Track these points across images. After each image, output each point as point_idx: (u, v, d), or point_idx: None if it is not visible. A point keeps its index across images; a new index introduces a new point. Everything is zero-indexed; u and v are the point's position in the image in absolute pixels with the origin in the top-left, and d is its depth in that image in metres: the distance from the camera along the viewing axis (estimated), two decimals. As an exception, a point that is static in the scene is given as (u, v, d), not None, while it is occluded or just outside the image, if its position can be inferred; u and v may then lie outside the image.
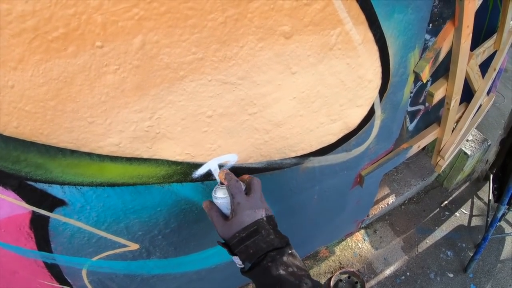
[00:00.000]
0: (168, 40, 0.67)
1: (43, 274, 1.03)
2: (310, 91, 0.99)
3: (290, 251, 0.86)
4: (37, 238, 0.89)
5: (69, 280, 1.09)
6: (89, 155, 0.77)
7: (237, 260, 0.89)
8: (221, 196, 0.92)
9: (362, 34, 0.96)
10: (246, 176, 1.00)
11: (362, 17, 0.92)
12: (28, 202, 0.79)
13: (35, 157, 0.71)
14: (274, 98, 0.93)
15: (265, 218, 0.89)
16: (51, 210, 0.83)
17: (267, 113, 0.96)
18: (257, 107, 0.92)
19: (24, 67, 0.59)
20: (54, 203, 0.82)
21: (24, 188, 0.76)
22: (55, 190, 0.79)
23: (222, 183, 0.94)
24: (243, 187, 0.93)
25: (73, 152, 0.74)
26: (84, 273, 1.09)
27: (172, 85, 0.74)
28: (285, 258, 0.83)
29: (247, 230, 0.86)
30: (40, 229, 0.87)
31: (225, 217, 0.92)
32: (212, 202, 0.95)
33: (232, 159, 1.01)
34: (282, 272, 0.81)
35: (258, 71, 0.84)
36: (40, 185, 0.77)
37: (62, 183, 0.79)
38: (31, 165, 0.72)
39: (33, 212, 0.82)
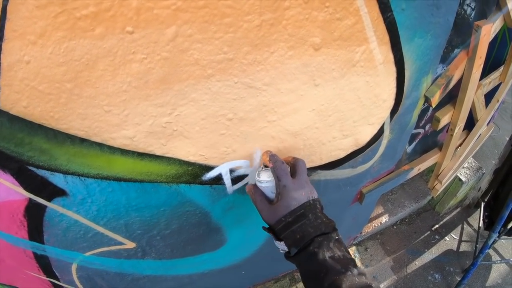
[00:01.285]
0: (201, 35, 0.65)
1: (31, 265, 1.00)
2: (329, 105, 0.98)
3: (336, 237, 0.83)
4: (30, 227, 0.86)
5: (57, 274, 1.06)
6: (100, 145, 0.74)
7: (281, 245, 0.87)
8: (265, 180, 0.89)
9: (384, 54, 0.96)
10: (290, 158, 0.96)
11: (386, 37, 0.92)
12: (26, 188, 0.76)
13: (40, 142, 0.68)
14: (294, 107, 0.92)
15: (311, 201, 0.86)
16: (49, 200, 0.79)
17: (285, 122, 0.94)
18: (277, 115, 0.91)
19: (45, 43, 0.56)
20: (54, 192, 0.78)
21: (23, 173, 0.72)
22: (57, 179, 0.76)
23: (266, 166, 0.91)
24: (288, 169, 0.89)
25: (83, 141, 0.71)
26: (73, 267, 1.05)
27: (198, 83, 0.72)
28: (331, 244, 0.80)
29: (294, 214, 0.83)
30: (34, 218, 0.84)
31: (269, 201, 0.89)
32: (255, 186, 0.92)
33: (244, 165, 0.99)
34: (328, 258, 0.78)
35: (284, 79, 0.83)
36: (41, 172, 0.73)
37: (65, 172, 0.75)
38: (35, 150, 0.69)
39: (30, 199, 0.78)
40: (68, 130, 0.68)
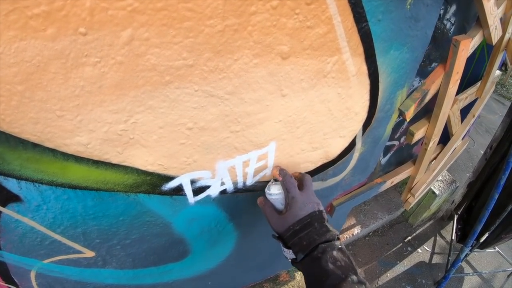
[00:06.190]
0: (159, 39, 0.62)
1: (-12, 271, 0.95)
2: (297, 116, 0.97)
3: (340, 246, 0.89)
4: (-15, 232, 0.81)
5: (16, 280, 1.01)
6: (53, 151, 0.70)
7: (289, 254, 0.94)
8: (275, 192, 0.98)
9: (357, 66, 0.94)
10: (297, 173, 1.06)
11: (360, 49, 0.91)
12: (-21, 193, 0.71)
13: (-8, 145, 0.64)
14: (259, 118, 0.89)
15: (317, 212, 0.94)
16: (3, 205, 0.75)
17: (249, 133, 0.92)
18: (241, 125, 0.88)
19: (-5, 42, 0.52)
20: (8, 197, 0.74)
21: (-26, 177, 0.68)
22: (11, 184, 0.72)
23: (275, 180, 1.02)
24: (296, 183, 0.97)
25: (35, 146, 0.67)
26: (32, 274, 1.01)
27: (155, 89, 0.69)
28: (334, 252, 0.86)
29: (301, 222, 0.91)
30: (-11, 224, 0.79)
31: (278, 211, 0.98)
32: (266, 198, 1.01)
33: (206, 176, 0.96)
34: (330, 264, 0.83)
35: (248, 88, 0.80)
36: (-6, 177, 0.69)
37: (19, 178, 0.71)
38: (-14, 153, 0.64)
39: (-17, 204, 0.74)
40: (20, 134, 0.64)
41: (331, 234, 0.90)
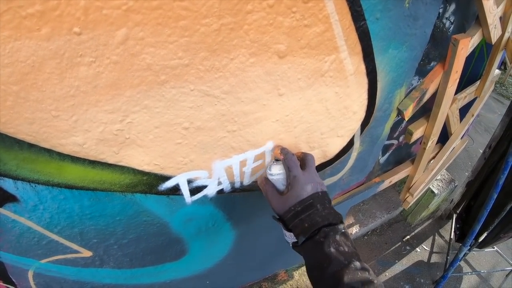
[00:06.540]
0: (154, 39, 0.61)
1: (-13, 271, 0.95)
2: (294, 116, 0.96)
3: (343, 230, 0.86)
4: (-18, 233, 0.81)
5: (13, 280, 1.01)
6: (49, 152, 0.69)
7: (290, 238, 0.90)
8: (276, 172, 0.94)
9: (355, 65, 0.94)
10: (299, 153, 1.02)
11: (358, 47, 0.90)
12: (-24, 193, 0.71)
13: (-12, 145, 0.64)
14: (256, 117, 0.89)
15: (320, 193, 0.90)
16: (0, 205, 0.75)
17: (246, 133, 0.91)
18: (237, 125, 0.88)
19: (-10, 43, 0.51)
20: (4, 197, 0.74)
21: (-29, 178, 0.67)
22: (7, 184, 0.72)
23: (277, 160, 0.98)
24: (298, 162, 0.94)
25: (31, 146, 0.67)
26: (30, 274, 1.01)
27: (151, 89, 0.68)
28: (337, 237, 0.83)
29: (303, 203, 0.87)
30: (-14, 224, 0.79)
31: (279, 192, 0.94)
32: (267, 178, 0.97)
33: (203, 176, 0.96)
34: (333, 249, 0.80)
35: (245, 88, 0.80)
36: (-10, 177, 0.69)
37: (15, 178, 0.71)
38: (-18, 153, 0.64)
39: (-20, 204, 0.73)
40: (15, 135, 0.64)
41: (334, 216, 0.86)
